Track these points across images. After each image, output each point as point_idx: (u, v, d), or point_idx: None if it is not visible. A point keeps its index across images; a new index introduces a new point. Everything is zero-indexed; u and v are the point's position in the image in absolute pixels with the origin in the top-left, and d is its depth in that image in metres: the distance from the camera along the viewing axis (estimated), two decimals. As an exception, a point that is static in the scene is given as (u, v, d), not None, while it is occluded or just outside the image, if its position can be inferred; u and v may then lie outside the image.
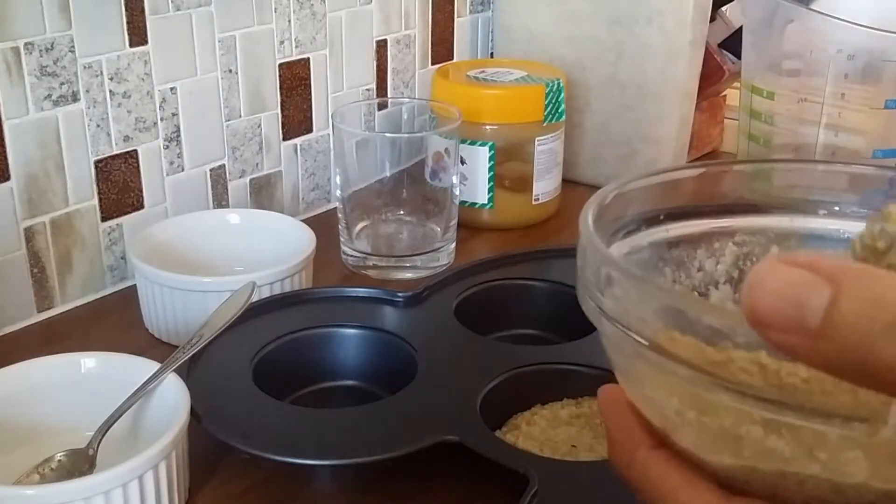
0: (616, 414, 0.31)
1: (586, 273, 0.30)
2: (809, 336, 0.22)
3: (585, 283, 0.30)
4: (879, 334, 0.21)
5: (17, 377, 0.51)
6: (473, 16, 0.96)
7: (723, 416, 0.26)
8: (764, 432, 0.26)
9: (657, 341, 0.27)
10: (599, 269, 0.29)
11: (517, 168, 0.82)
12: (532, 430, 0.53)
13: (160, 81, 0.70)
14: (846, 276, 0.22)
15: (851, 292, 0.22)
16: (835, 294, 0.22)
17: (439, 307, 0.62)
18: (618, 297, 0.28)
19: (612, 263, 0.29)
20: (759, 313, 0.23)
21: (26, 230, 0.65)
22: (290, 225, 0.70)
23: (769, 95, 0.76)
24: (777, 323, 0.22)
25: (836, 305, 0.22)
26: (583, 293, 0.31)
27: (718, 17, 0.92)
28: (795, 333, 0.22)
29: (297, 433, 0.50)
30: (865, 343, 0.21)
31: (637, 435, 0.30)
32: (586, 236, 0.31)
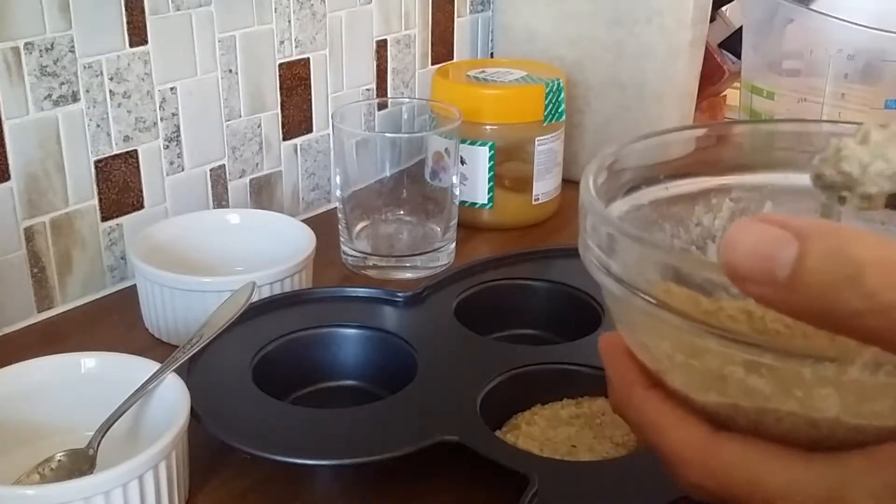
0: (614, 359, 0.33)
1: (587, 231, 0.32)
2: (780, 287, 0.24)
3: (586, 240, 0.32)
4: (841, 286, 0.24)
5: (17, 377, 0.51)
6: (473, 16, 0.96)
7: (708, 359, 0.29)
8: (745, 372, 0.28)
9: (653, 293, 0.29)
10: (600, 229, 0.31)
11: (517, 168, 0.82)
12: (532, 430, 0.53)
13: (160, 81, 0.70)
14: (813, 232, 0.24)
15: (817, 247, 0.24)
16: (802, 249, 0.24)
17: (439, 307, 0.62)
18: (617, 253, 0.30)
19: (611, 223, 0.31)
20: (735, 267, 0.25)
21: (26, 230, 0.65)
22: (290, 225, 0.70)
23: (769, 95, 0.76)
24: (751, 276, 0.25)
25: (803, 259, 0.24)
26: (584, 250, 0.33)
27: (718, 17, 0.92)
28: (767, 285, 0.25)
29: (297, 433, 0.50)
30: (829, 293, 0.24)
31: (633, 377, 0.32)
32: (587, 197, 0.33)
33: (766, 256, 0.25)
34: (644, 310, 0.29)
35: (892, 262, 0.24)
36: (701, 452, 0.30)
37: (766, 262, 0.25)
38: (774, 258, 0.24)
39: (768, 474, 0.29)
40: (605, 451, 0.51)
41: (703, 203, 0.38)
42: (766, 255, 0.25)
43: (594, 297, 0.63)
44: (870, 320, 0.24)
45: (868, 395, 0.27)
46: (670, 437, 0.31)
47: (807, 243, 0.24)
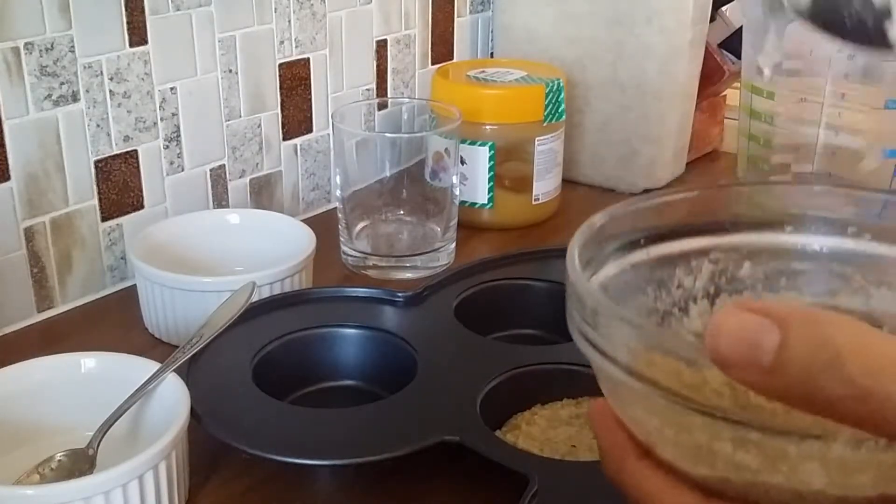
0: (605, 427, 0.34)
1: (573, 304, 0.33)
2: (763, 373, 0.25)
3: (572, 313, 0.33)
4: (822, 372, 0.25)
5: (17, 377, 0.51)
6: (473, 16, 0.96)
7: (697, 434, 0.29)
8: (733, 448, 0.29)
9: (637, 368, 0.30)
10: (584, 302, 0.32)
11: (517, 168, 0.82)
12: (532, 430, 0.53)
13: (160, 81, 0.70)
14: (794, 319, 0.25)
15: (798, 334, 0.25)
16: (783, 336, 0.25)
17: (439, 307, 0.62)
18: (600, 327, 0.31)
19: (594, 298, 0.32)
20: (720, 353, 0.26)
21: (26, 230, 0.65)
22: (290, 225, 0.70)
23: (769, 95, 0.76)
24: (736, 362, 0.26)
25: (784, 346, 0.25)
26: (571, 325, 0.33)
27: (718, 17, 0.92)
28: (751, 371, 0.26)
29: (297, 433, 0.50)
30: (810, 379, 0.25)
31: (625, 446, 0.33)
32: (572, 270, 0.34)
33: (750, 344, 0.26)
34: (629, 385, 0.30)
35: (870, 349, 0.25)
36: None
37: (749, 349, 0.26)
38: (757, 346, 0.25)
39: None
40: (605, 451, 0.51)
41: (683, 265, 0.40)
42: (750, 342, 0.26)
43: (594, 297, 0.63)
44: (850, 405, 0.25)
45: (851, 469, 0.28)
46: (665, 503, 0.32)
47: (788, 331, 0.25)
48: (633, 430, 0.33)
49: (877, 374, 0.25)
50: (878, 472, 0.28)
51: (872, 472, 0.28)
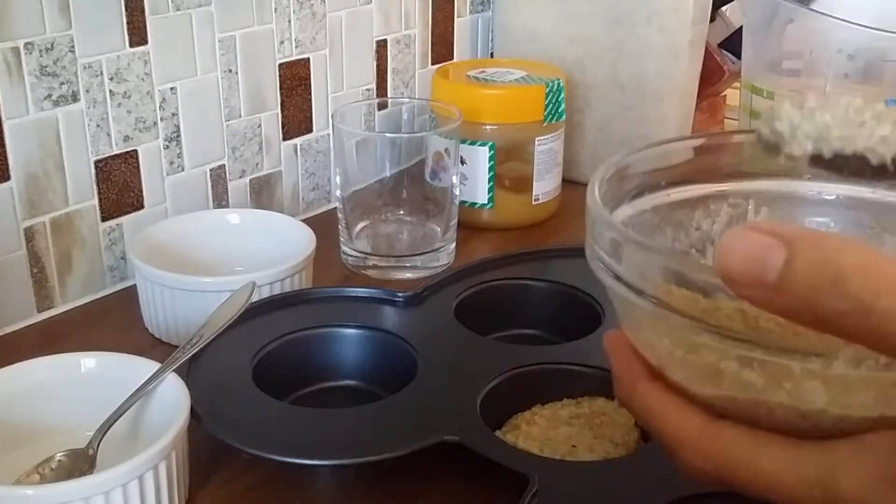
0: (619, 354, 0.36)
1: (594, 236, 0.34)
2: (769, 290, 0.27)
3: (593, 245, 0.34)
4: (825, 289, 0.26)
5: (17, 377, 0.51)
6: (473, 16, 0.96)
7: (705, 354, 0.31)
8: (739, 366, 0.30)
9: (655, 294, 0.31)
10: (605, 234, 0.33)
11: (517, 168, 0.82)
12: (532, 430, 0.53)
13: (160, 81, 0.70)
14: (799, 239, 0.26)
15: (802, 254, 0.26)
16: (789, 255, 0.26)
17: (439, 307, 0.62)
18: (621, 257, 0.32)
19: (616, 229, 0.33)
20: (729, 272, 0.27)
21: (26, 230, 0.65)
22: (290, 225, 0.70)
23: (769, 95, 0.76)
24: (743, 280, 0.27)
25: (789, 265, 0.26)
26: (590, 254, 0.34)
27: (718, 17, 0.92)
28: (758, 288, 0.27)
29: (297, 433, 0.50)
30: (814, 296, 0.26)
31: (636, 371, 0.35)
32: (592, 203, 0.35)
33: (757, 261, 0.27)
34: (647, 309, 0.31)
35: (872, 268, 0.26)
36: (699, 437, 0.32)
37: (756, 266, 0.27)
38: (764, 263, 0.27)
39: (762, 458, 0.31)
40: (605, 451, 0.51)
41: (702, 208, 0.41)
42: (757, 260, 0.27)
43: (594, 297, 0.63)
44: (851, 321, 0.26)
45: (852, 388, 0.29)
46: (671, 423, 0.33)
47: (794, 250, 0.26)
48: (646, 354, 0.34)
49: (878, 291, 0.25)
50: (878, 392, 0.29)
51: (873, 392, 0.29)
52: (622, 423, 0.53)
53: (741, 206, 0.41)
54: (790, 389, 0.30)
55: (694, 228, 0.41)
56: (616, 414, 0.54)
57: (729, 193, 0.41)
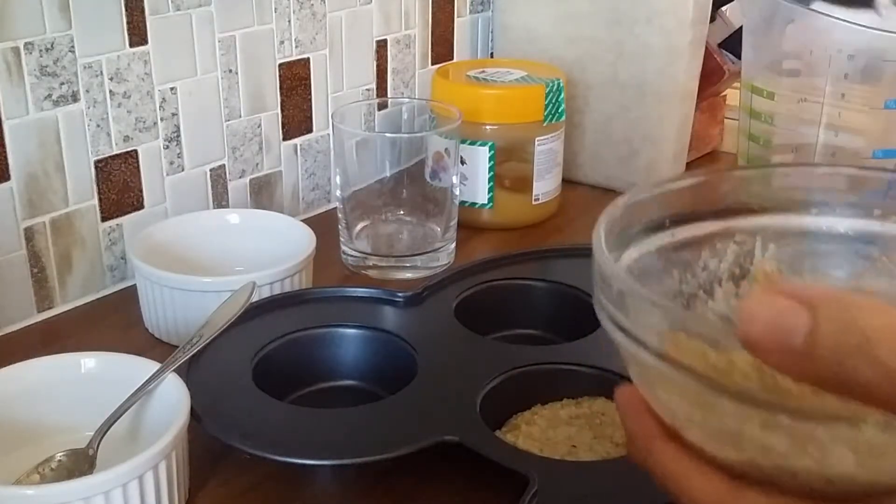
0: (633, 411, 0.34)
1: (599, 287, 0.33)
2: (794, 356, 0.26)
3: (599, 296, 0.33)
4: (851, 354, 0.25)
5: (17, 377, 0.51)
6: (473, 16, 0.96)
7: (725, 418, 0.29)
8: (762, 430, 0.29)
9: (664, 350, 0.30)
10: (611, 284, 0.32)
11: (517, 168, 0.82)
12: (532, 430, 0.53)
13: (160, 81, 0.70)
14: (823, 302, 0.26)
15: (827, 318, 0.26)
16: (813, 320, 0.26)
17: (439, 307, 0.62)
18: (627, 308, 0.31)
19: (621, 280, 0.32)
20: (752, 338, 0.26)
21: (26, 230, 0.65)
22: (290, 225, 0.70)
23: (769, 95, 0.76)
24: (767, 346, 0.26)
25: (815, 330, 0.26)
26: (598, 306, 0.33)
27: (718, 17, 0.92)
28: (783, 355, 0.26)
29: (297, 433, 0.50)
30: (840, 361, 0.25)
31: (652, 429, 0.33)
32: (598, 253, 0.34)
33: (780, 328, 0.26)
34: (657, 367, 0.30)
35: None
36: (721, 501, 0.31)
37: (779, 333, 0.26)
38: (788, 329, 0.26)
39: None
40: (605, 451, 0.51)
41: (708, 247, 0.40)
42: (780, 326, 0.26)
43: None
44: (879, 387, 0.25)
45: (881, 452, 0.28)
46: (691, 486, 0.32)
47: (818, 314, 0.26)
48: (661, 413, 0.33)
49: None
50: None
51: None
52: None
53: (748, 244, 0.40)
54: (816, 455, 0.28)
55: (701, 269, 0.39)
56: (616, 414, 0.54)
57: (735, 230, 0.40)
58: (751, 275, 0.36)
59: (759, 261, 0.40)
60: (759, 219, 0.40)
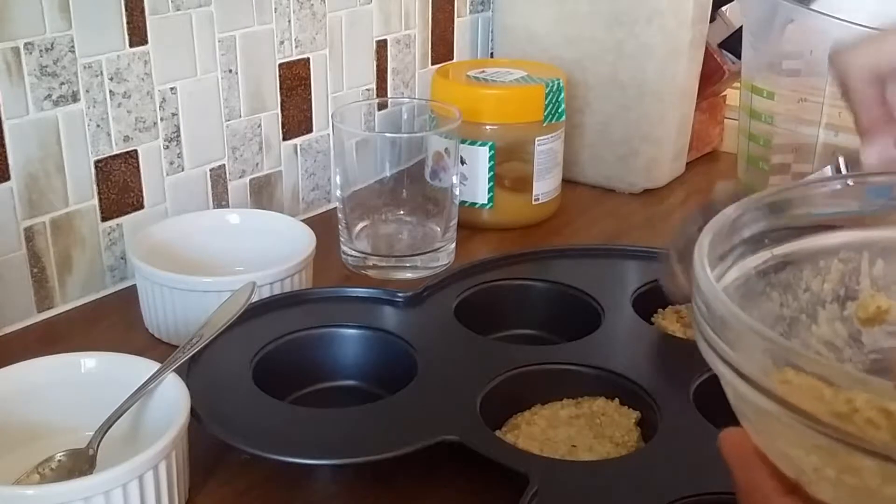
0: (744, 463, 0.30)
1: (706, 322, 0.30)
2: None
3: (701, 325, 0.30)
4: None
5: (17, 377, 0.51)
6: (473, 16, 0.96)
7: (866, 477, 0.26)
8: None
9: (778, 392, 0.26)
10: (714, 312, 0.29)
11: (517, 168, 0.82)
12: (532, 430, 0.53)
13: (160, 81, 0.70)
14: None
15: None
16: None
17: (439, 307, 0.62)
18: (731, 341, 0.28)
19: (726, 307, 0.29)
20: None
21: (26, 230, 0.65)
22: (290, 225, 0.70)
23: (769, 95, 0.76)
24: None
25: None
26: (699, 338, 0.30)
27: (718, 17, 0.92)
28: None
29: (297, 433, 0.50)
30: None
31: (767, 484, 0.29)
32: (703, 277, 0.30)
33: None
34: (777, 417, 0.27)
35: None
36: None
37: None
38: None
39: None
40: (605, 451, 0.51)
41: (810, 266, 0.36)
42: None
43: (594, 297, 0.63)
44: None
45: None
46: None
47: None
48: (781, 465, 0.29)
49: None
50: None
51: None
52: (622, 423, 0.53)
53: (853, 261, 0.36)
54: None
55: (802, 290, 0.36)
56: (616, 414, 0.54)
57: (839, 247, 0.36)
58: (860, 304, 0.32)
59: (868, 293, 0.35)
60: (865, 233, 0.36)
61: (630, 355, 0.59)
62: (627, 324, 0.61)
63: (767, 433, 0.29)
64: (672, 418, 0.51)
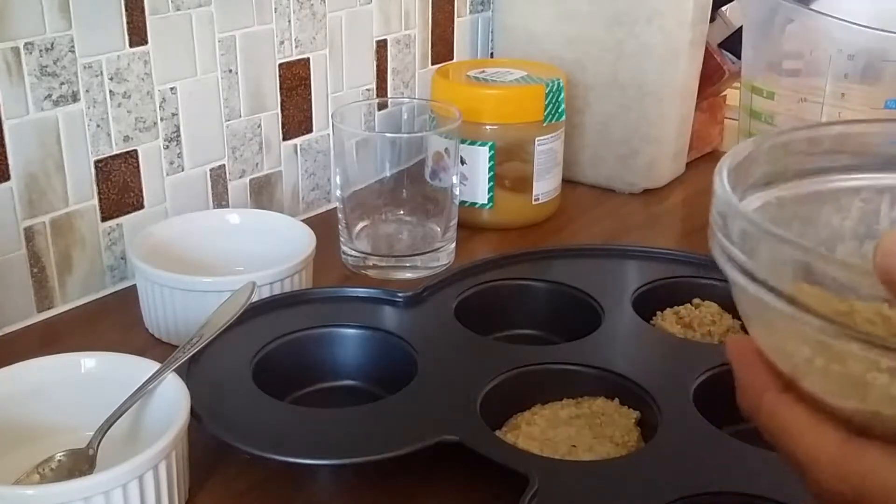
0: (744, 361, 0.32)
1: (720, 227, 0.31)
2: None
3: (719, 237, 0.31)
4: None
5: (17, 377, 0.51)
6: (473, 16, 0.96)
7: (851, 364, 0.28)
8: (890, 379, 0.27)
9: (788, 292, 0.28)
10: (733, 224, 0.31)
11: (517, 168, 0.82)
12: (532, 430, 0.53)
13: (160, 81, 0.70)
14: None
15: None
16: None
17: (439, 307, 0.62)
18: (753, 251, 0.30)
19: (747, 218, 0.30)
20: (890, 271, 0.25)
21: (26, 230, 0.65)
22: (290, 225, 0.70)
23: (769, 95, 0.76)
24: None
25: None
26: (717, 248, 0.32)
27: (718, 17, 0.92)
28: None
29: (297, 433, 0.50)
30: None
31: (765, 380, 0.32)
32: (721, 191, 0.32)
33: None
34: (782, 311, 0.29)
35: None
36: (837, 458, 0.29)
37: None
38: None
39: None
40: (605, 451, 0.51)
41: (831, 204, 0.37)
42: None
43: (594, 297, 0.63)
44: None
45: None
46: (805, 441, 0.30)
47: None
48: (777, 361, 0.31)
49: None
50: None
51: None
52: (622, 423, 0.53)
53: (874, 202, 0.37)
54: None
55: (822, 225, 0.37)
56: (616, 414, 0.54)
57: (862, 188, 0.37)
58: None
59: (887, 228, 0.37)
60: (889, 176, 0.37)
61: (630, 355, 0.59)
62: (627, 324, 0.61)
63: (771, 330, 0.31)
64: (672, 418, 0.51)
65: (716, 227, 0.32)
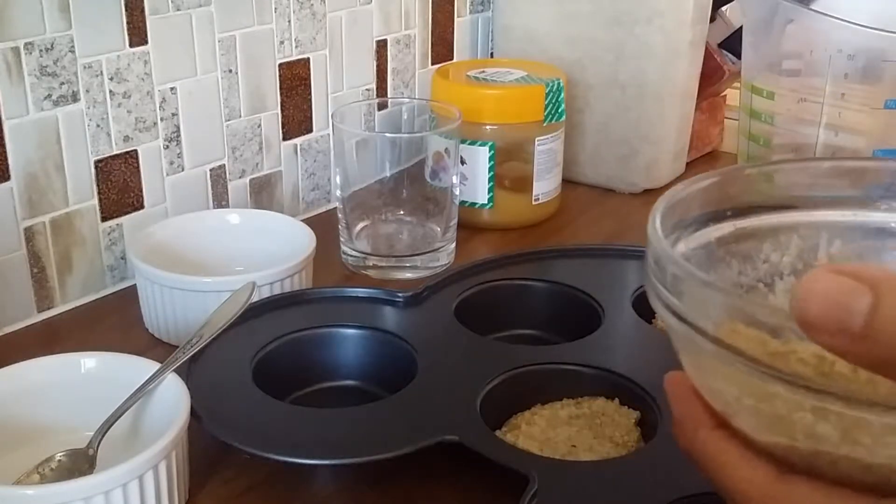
0: (681, 397, 0.34)
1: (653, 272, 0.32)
2: (852, 338, 0.25)
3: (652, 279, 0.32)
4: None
5: (17, 377, 0.51)
6: (473, 16, 0.96)
7: (777, 404, 0.28)
8: (814, 418, 0.28)
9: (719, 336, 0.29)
10: (666, 269, 0.31)
11: (517, 168, 0.82)
12: (532, 430, 0.53)
13: (160, 81, 0.70)
14: (886, 282, 0.24)
15: (890, 299, 0.24)
16: (875, 300, 0.24)
17: (439, 307, 0.62)
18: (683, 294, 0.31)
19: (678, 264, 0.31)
20: (808, 317, 0.25)
21: (26, 230, 0.65)
22: (290, 225, 0.70)
23: (769, 95, 0.76)
24: (824, 325, 0.25)
25: (875, 311, 0.24)
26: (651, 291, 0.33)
27: (718, 17, 0.92)
28: (840, 336, 0.25)
29: (297, 433, 0.50)
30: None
31: (699, 417, 0.33)
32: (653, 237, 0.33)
33: (839, 307, 0.25)
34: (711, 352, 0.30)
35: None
36: (768, 493, 0.30)
37: (838, 312, 0.25)
38: (847, 309, 0.24)
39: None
40: (605, 451, 0.51)
41: (770, 240, 0.38)
42: (839, 305, 0.25)
43: (594, 297, 0.63)
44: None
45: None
46: (737, 476, 0.31)
47: (880, 294, 0.24)
48: (710, 399, 0.32)
49: None
50: None
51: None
52: (622, 423, 0.53)
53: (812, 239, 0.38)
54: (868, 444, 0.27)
55: (762, 261, 0.38)
56: (616, 414, 0.54)
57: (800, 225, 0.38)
58: None
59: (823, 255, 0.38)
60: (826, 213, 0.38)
61: (630, 355, 0.59)
62: (627, 324, 0.61)
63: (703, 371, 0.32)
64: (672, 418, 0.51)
65: (649, 270, 0.33)
